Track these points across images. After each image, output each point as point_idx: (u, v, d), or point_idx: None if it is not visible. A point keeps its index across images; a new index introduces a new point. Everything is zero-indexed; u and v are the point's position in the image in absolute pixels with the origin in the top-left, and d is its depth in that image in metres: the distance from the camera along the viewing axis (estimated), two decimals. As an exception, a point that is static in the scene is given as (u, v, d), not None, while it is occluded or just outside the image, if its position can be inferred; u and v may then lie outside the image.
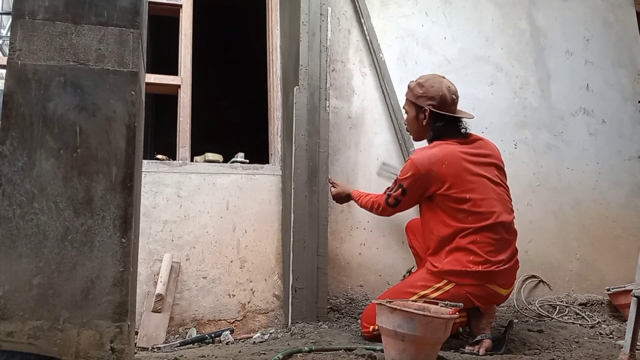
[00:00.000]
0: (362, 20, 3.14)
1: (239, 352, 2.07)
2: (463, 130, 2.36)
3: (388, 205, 2.35)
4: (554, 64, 3.50)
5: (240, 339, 2.55)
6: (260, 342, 2.43)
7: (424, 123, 2.36)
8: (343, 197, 2.70)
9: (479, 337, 2.19)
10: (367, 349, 2.03)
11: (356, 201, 2.59)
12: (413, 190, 2.26)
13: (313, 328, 2.45)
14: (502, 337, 2.27)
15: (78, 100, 1.44)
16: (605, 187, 3.43)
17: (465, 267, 2.15)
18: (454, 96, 2.34)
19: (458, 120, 2.35)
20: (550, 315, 2.92)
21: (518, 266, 2.29)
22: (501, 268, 2.17)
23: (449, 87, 2.34)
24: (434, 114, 2.32)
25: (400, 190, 2.29)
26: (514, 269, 2.26)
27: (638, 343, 1.88)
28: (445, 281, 2.19)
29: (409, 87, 2.42)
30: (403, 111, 2.56)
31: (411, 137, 2.58)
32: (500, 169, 2.37)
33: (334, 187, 2.72)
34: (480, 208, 2.19)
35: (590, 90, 3.55)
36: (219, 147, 3.13)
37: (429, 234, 2.30)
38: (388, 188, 2.38)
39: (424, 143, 2.48)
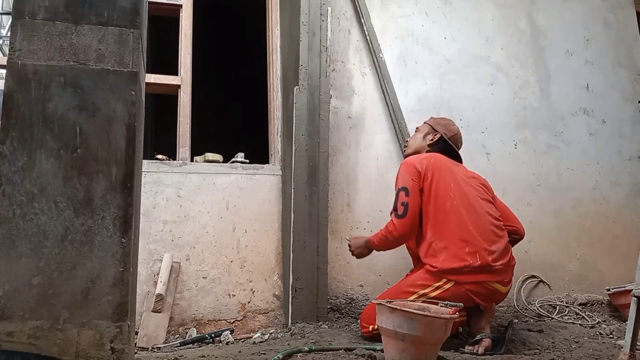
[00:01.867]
0: (362, 20, 3.14)
1: (239, 352, 2.07)
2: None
3: (399, 218, 2.28)
4: (554, 64, 3.50)
5: (240, 339, 2.55)
6: (260, 342, 2.43)
7: (428, 142, 2.53)
8: (364, 249, 2.49)
9: (478, 337, 2.20)
10: (367, 349, 2.03)
11: (376, 245, 2.41)
12: (413, 185, 2.30)
13: (313, 328, 2.45)
14: (502, 337, 2.28)
15: (78, 100, 1.44)
16: (605, 187, 3.43)
17: (463, 261, 2.16)
18: (460, 144, 2.59)
19: (454, 152, 2.54)
20: (550, 315, 2.92)
21: (514, 262, 2.31)
22: (498, 264, 2.19)
23: (461, 136, 2.62)
24: (442, 140, 2.52)
25: (403, 192, 2.32)
26: (511, 266, 2.29)
27: (638, 343, 1.88)
28: (444, 280, 2.20)
29: (431, 118, 2.65)
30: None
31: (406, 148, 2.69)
32: (488, 191, 2.45)
33: (350, 246, 2.53)
34: (464, 205, 2.26)
35: (590, 90, 3.55)
36: (219, 147, 3.13)
37: (421, 239, 2.34)
38: (391, 211, 2.37)
39: None
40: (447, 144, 2.51)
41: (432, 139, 2.53)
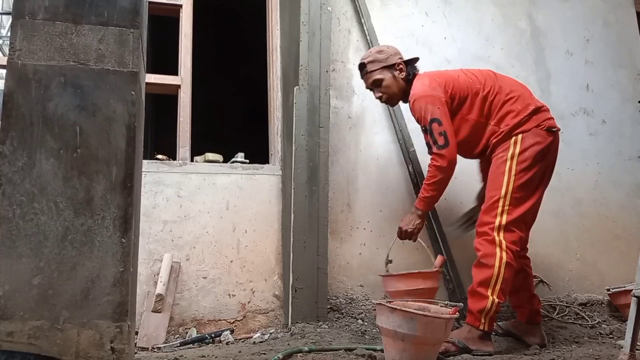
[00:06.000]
0: (362, 20, 3.14)
1: (239, 352, 2.08)
2: None
3: (443, 148, 2.30)
4: (554, 64, 3.50)
5: (240, 339, 2.55)
6: (260, 342, 2.43)
7: (402, 77, 2.50)
8: (416, 219, 2.46)
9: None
10: (367, 349, 2.03)
11: (427, 198, 2.39)
12: (442, 112, 2.32)
13: (313, 328, 2.45)
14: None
15: (78, 100, 1.44)
16: (605, 187, 3.42)
17: (518, 115, 2.33)
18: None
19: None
20: (550, 315, 2.92)
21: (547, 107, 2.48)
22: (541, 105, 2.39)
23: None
24: (406, 64, 2.53)
25: (435, 124, 2.31)
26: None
27: (638, 343, 1.88)
28: (514, 137, 2.32)
29: (366, 63, 2.52)
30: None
31: (389, 106, 2.78)
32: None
33: (401, 228, 2.52)
34: (488, 86, 2.39)
35: (590, 90, 3.55)
36: (219, 147, 3.13)
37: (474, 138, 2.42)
38: (429, 150, 2.41)
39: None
40: (411, 62, 2.53)
41: (401, 73, 2.50)
